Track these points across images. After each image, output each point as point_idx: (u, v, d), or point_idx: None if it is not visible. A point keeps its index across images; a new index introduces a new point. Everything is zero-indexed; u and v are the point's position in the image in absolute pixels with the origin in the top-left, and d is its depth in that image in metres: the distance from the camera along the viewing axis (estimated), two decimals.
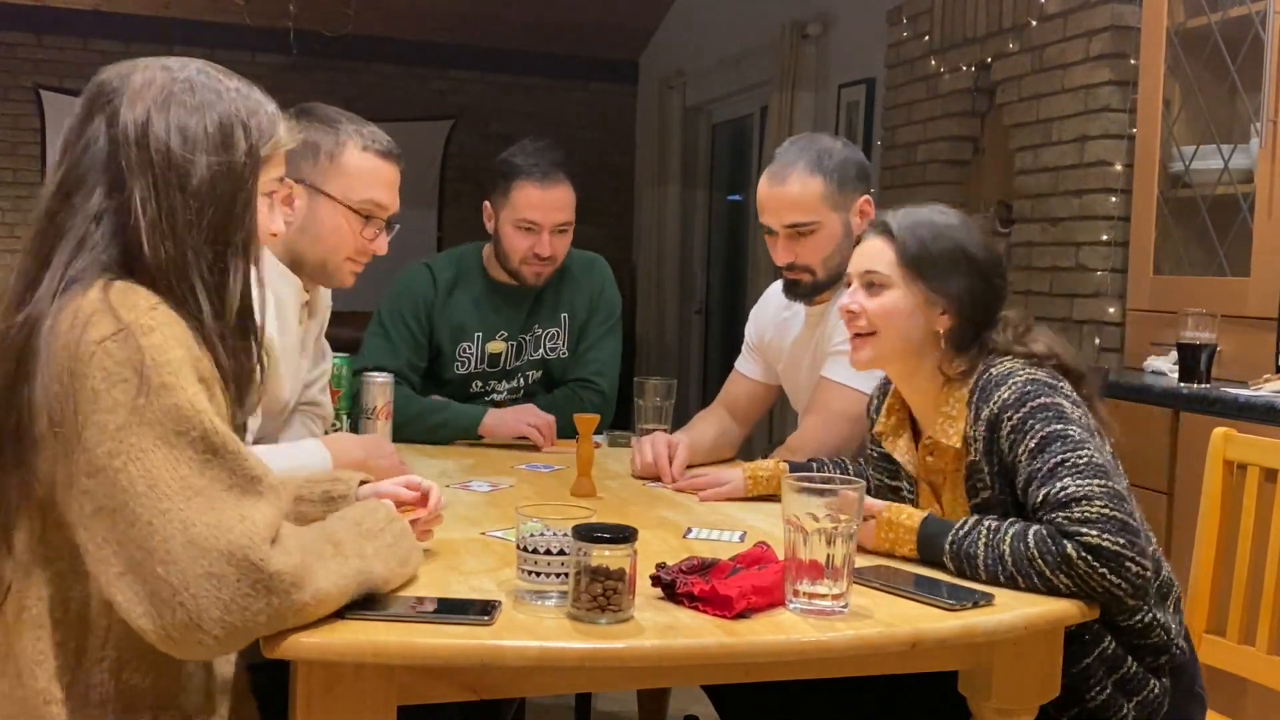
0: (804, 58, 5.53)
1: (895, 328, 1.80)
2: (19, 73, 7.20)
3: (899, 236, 1.80)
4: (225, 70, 1.45)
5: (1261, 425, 2.43)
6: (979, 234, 1.83)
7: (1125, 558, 1.53)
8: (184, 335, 1.31)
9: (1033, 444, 1.63)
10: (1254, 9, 3.01)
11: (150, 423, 1.24)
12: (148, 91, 1.37)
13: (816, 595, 1.44)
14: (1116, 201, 3.53)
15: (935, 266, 1.78)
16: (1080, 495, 1.57)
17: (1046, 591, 1.56)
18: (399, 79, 7.74)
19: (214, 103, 1.39)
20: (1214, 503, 2.10)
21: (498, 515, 1.90)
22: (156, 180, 1.34)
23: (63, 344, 1.27)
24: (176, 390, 1.26)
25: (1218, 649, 2.06)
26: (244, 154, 1.39)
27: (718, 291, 7.30)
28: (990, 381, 1.71)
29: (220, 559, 1.22)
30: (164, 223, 1.34)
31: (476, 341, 2.78)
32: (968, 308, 1.78)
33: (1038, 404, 1.65)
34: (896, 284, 1.80)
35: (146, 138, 1.35)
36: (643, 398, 2.69)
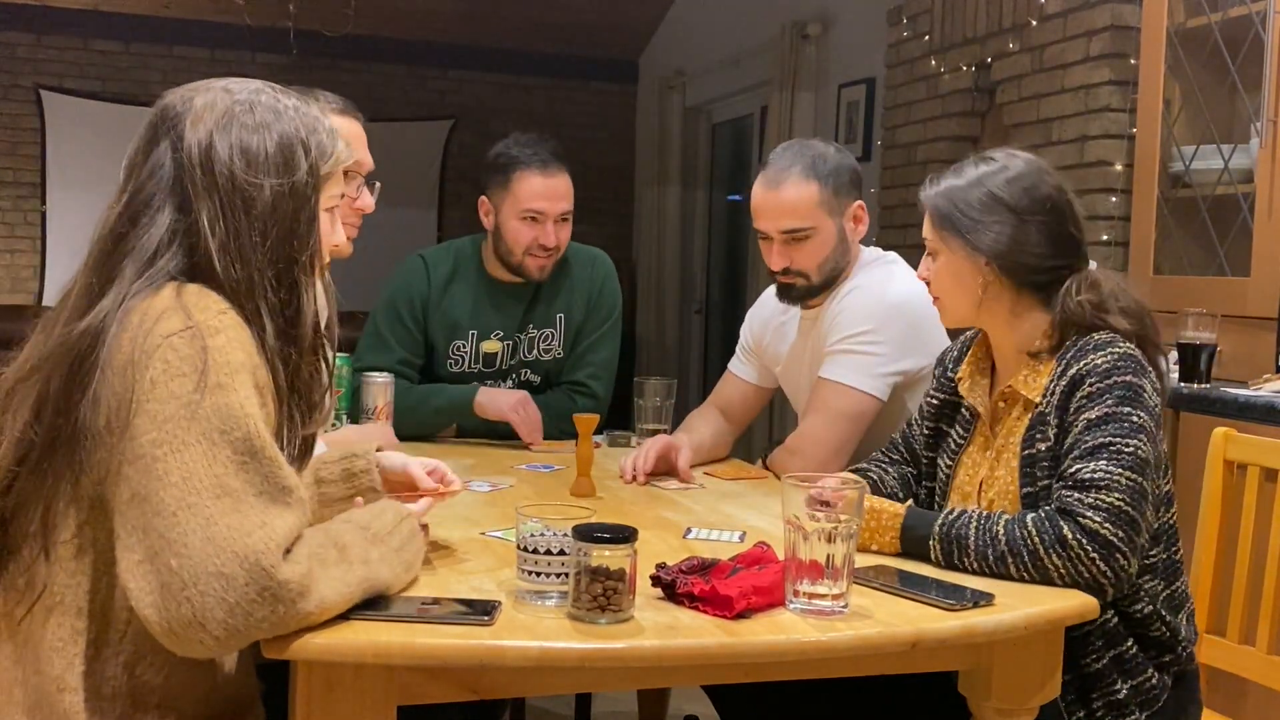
0: (804, 58, 5.53)
1: (952, 289, 1.82)
2: (19, 73, 7.20)
3: (927, 201, 1.82)
4: (283, 89, 1.47)
5: (1261, 425, 2.43)
6: (1029, 175, 1.79)
7: (1118, 550, 1.55)
8: (248, 342, 1.34)
9: (1094, 415, 1.64)
10: (1254, 9, 3.01)
11: (199, 418, 1.27)
12: (209, 114, 1.40)
13: (816, 595, 1.44)
14: (1116, 201, 3.54)
15: (963, 222, 1.77)
16: (1104, 482, 1.58)
17: (1036, 574, 1.57)
18: (399, 79, 7.74)
19: (273, 122, 1.41)
20: (1214, 503, 2.10)
21: (498, 515, 1.90)
22: (223, 202, 1.37)
23: (129, 338, 1.30)
24: (230, 390, 1.29)
25: (1218, 649, 2.06)
26: (305, 173, 1.42)
27: (718, 291, 7.30)
28: (1092, 343, 1.70)
29: (233, 560, 1.22)
30: (232, 244, 1.37)
31: (471, 340, 2.75)
32: (1004, 256, 1.76)
33: (1123, 380, 1.65)
34: (941, 247, 1.81)
35: (211, 161, 1.37)
36: (643, 398, 2.69)
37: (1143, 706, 1.70)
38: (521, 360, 2.80)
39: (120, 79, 7.25)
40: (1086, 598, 1.56)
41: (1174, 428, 2.77)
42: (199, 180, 1.37)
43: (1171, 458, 2.78)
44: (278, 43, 6.08)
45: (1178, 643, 1.72)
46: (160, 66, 7.26)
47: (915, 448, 2.00)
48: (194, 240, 1.37)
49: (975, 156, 1.84)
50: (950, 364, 1.96)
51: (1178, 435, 2.77)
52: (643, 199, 7.75)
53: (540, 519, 1.44)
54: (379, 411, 2.41)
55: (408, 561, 1.46)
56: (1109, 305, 1.74)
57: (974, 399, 1.86)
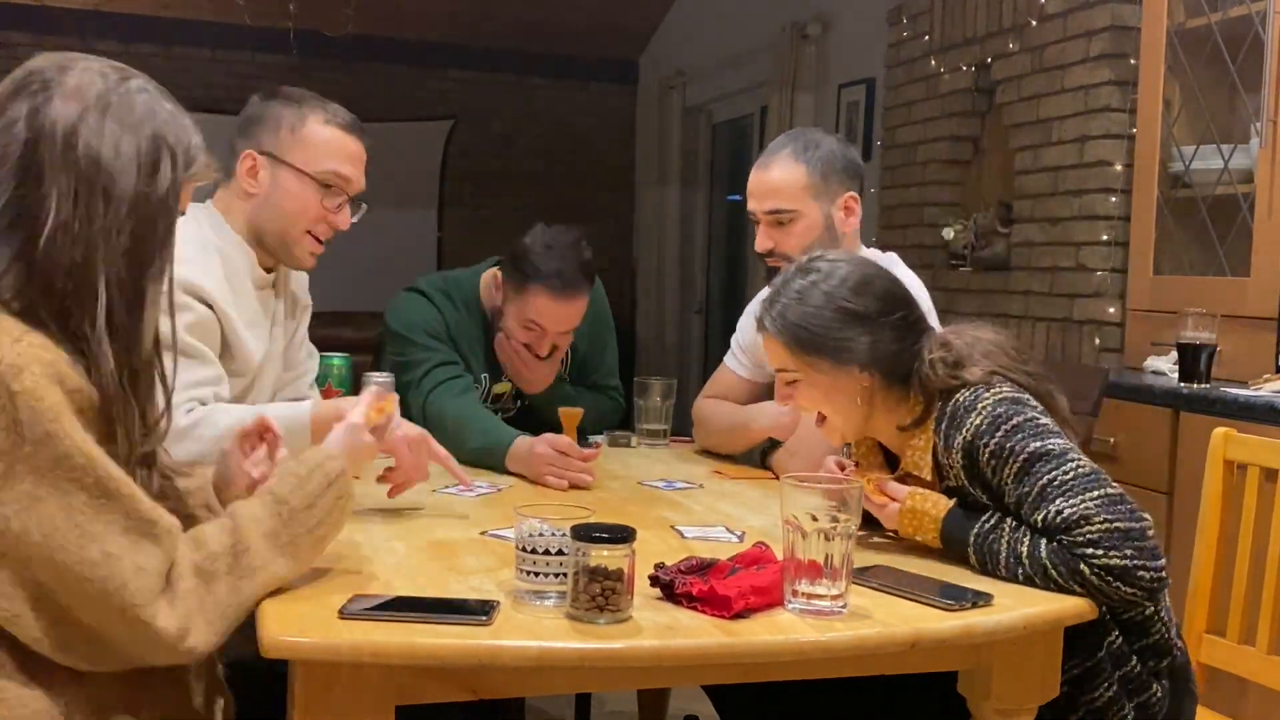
0: (804, 58, 5.53)
1: (833, 408, 1.79)
2: None
3: (776, 332, 1.78)
4: (164, 91, 1.42)
5: (1261, 425, 2.43)
6: (855, 277, 1.77)
7: (1134, 569, 1.52)
8: (56, 365, 1.26)
9: (1016, 467, 1.62)
10: (1254, 9, 3.01)
11: (38, 470, 1.23)
12: (86, 93, 1.34)
13: (816, 595, 1.44)
14: (1116, 201, 3.54)
15: (821, 342, 1.75)
16: (1076, 516, 1.55)
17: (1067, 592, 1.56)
18: (399, 79, 7.74)
19: (149, 120, 1.36)
20: (1214, 503, 2.09)
21: (498, 515, 1.90)
22: (78, 183, 1.31)
23: None
24: (62, 438, 1.23)
25: (1218, 649, 2.06)
26: (170, 182, 1.37)
27: (718, 291, 7.30)
28: (959, 407, 1.69)
29: (113, 615, 1.25)
30: (77, 226, 1.30)
31: (484, 383, 2.65)
32: (877, 358, 1.75)
33: (1011, 426, 1.64)
34: (804, 371, 1.78)
35: (75, 137, 1.31)
36: (643, 398, 2.69)
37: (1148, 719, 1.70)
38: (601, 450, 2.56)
39: None
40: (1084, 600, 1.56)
41: (1174, 428, 2.77)
42: (57, 155, 1.30)
43: (1171, 458, 2.78)
44: (278, 43, 6.08)
45: (1170, 644, 1.72)
46: (160, 66, 7.20)
47: None
48: (30, 215, 1.29)
49: (798, 271, 1.80)
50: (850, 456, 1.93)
51: (1178, 435, 2.77)
52: (643, 199, 7.75)
53: (540, 519, 1.44)
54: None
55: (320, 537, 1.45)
56: (964, 359, 1.73)
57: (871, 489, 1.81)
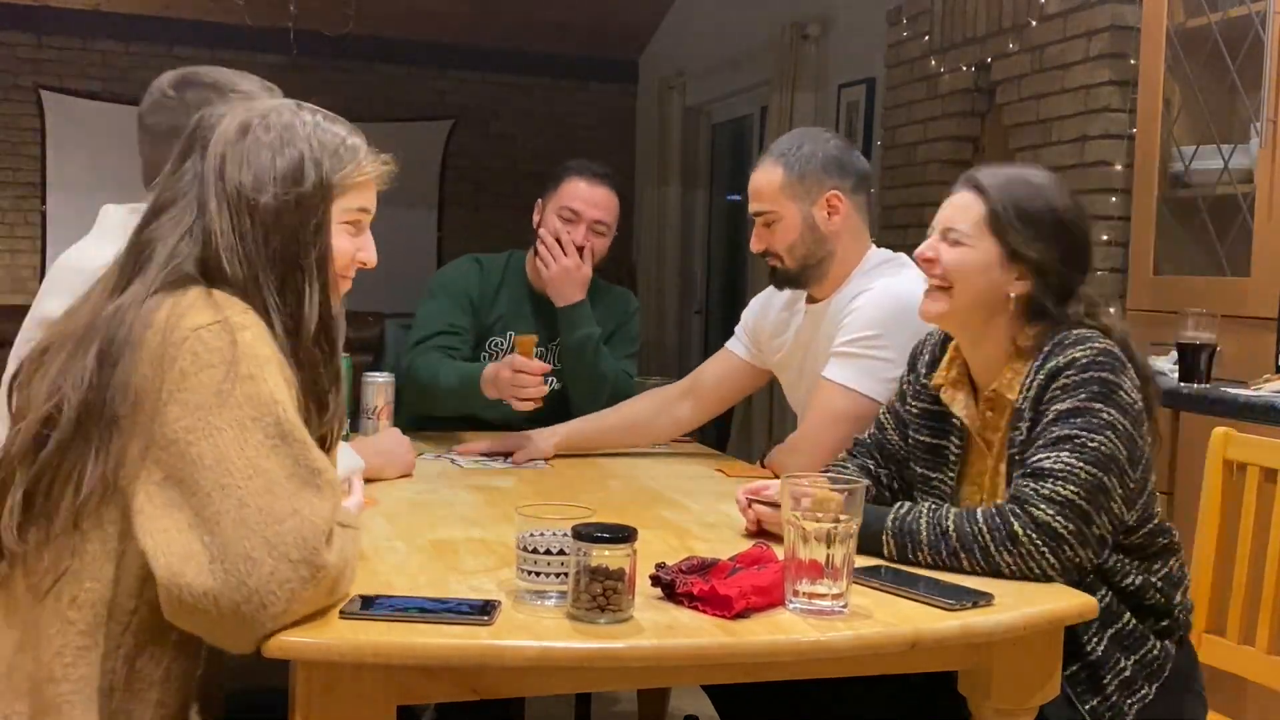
0: (804, 58, 5.53)
1: (970, 285, 1.76)
2: (19, 73, 7.19)
3: (991, 191, 1.77)
4: (311, 106, 1.54)
5: (1261, 425, 2.43)
6: (1071, 199, 1.80)
7: (1066, 542, 1.57)
8: (272, 341, 1.41)
9: (1064, 407, 1.64)
10: (1254, 9, 3.01)
11: (230, 405, 1.32)
12: (231, 128, 1.48)
13: (816, 595, 1.44)
14: (1116, 201, 3.53)
15: (1021, 228, 1.74)
16: (1062, 473, 1.58)
17: (987, 569, 1.59)
18: (399, 79, 7.74)
19: (287, 141, 1.48)
20: (1214, 503, 2.10)
21: (498, 515, 1.90)
22: (230, 209, 1.44)
23: (158, 329, 1.35)
24: (260, 380, 1.35)
25: (1218, 649, 2.06)
26: (312, 185, 1.48)
27: (718, 291, 7.30)
28: (1067, 340, 1.70)
29: (263, 546, 1.27)
30: (237, 246, 1.44)
31: (508, 339, 2.86)
32: (1049, 275, 1.74)
33: (1100, 376, 1.64)
34: (977, 242, 1.76)
35: (223, 172, 1.46)
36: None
37: (1150, 679, 1.69)
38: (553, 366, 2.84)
39: (120, 79, 7.24)
40: (1086, 598, 1.57)
41: (1174, 428, 2.77)
42: (213, 188, 1.46)
43: (1171, 458, 2.78)
44: (278, 43, 6.08)
45: (1174, 607, 1.72)
46: (160, 66, 7.14)
47: (891, 450, 1.98)
48: (205, 238, 1.45)
49: (1024, 166, 1.83)
50: (924, 370, 1.93)
51: (1178, 435, 2.77)
52: (643, 199, 7.74)
53: (540, 519, 1.44)
54: (379, 412, 2.41)
55: None
56: (1096, 307, 1.76)
57: (961, 411, 1.84)
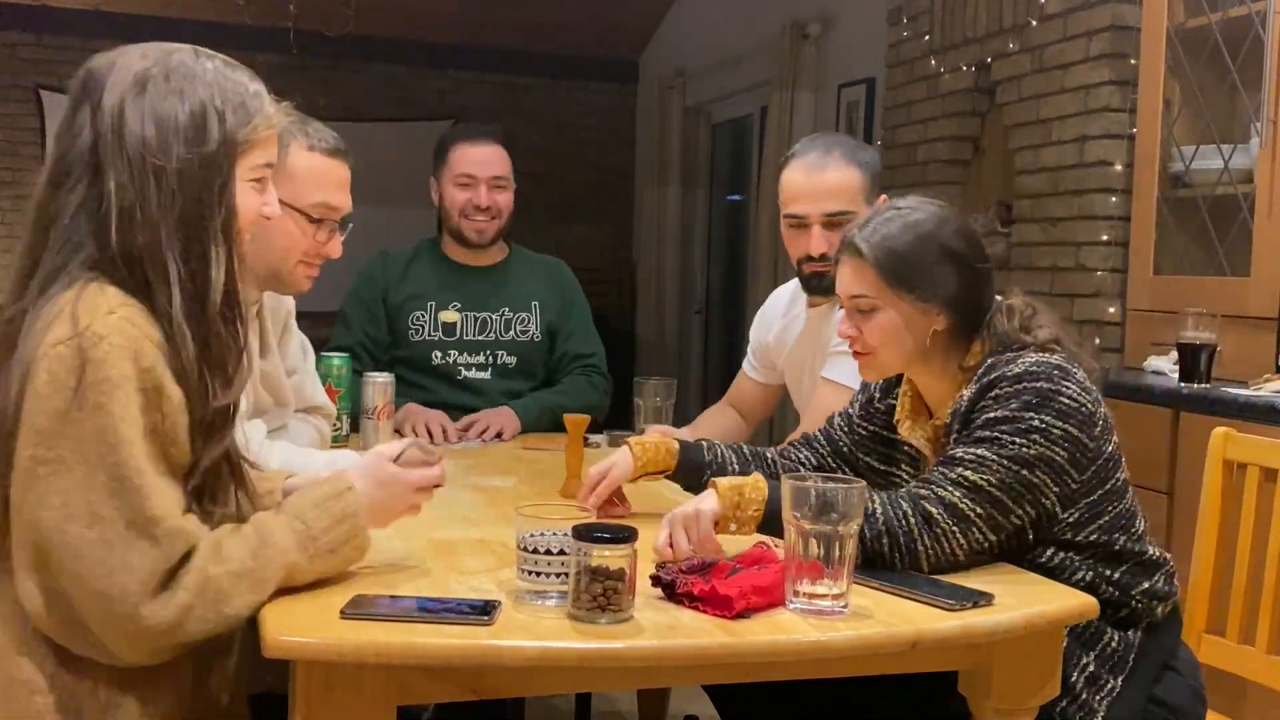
0: (804, 58, 5.53)
1: (892, 344, 1.78)
2: (19, 73, 7.19)
3: (869, 255, 1.76)
4: (209, 53, 1.43)
5: (1261, 425, 2.43)
6: (954, 220, 1.79)
7: (974, 525, 1.59)
8: (139, 341, 1.31)
9: (993, 415, 1.64)
10: (1254, 9, 3.01)
11: (78, 439, 1.28)
12: (126, 78, 1.37)
13: (816, 595, 1.44)
14: (1116, 201, 3.53)
15: (916, 274, 1.75)
16: (972, 461, 1.61)
17: (907, 558, 1.58)
18: (399, 79, 7.74)
19: (187, 88, 1.38)
20: (1214, 503, 2.09)
21: (498, 515, 1.90)
22: (132, 169, 1.34)
23: (31, 343, 1.31)
24: (107, 412, 1.28)
25: (1218, 649, 2.06)
26: (219, 142, 1.39)
27: (718, 291, 7.30)
28: (1003, 360, 1.71)
29: (92, 598, 1.28)
30: (138, 211, 1.34)
31: (429, 310, 2.88)
32: (960, 302, 1.76)
33: (1034, 386, 1.65)
34: (884, 303, 1.76)
35: (122, 128, 1.35)
36: (643, 398, 2.69)
37: (1114, 671, 1.69)
38: (497, 339, 2.91)
39: None
40: (1087, 598, 1.56)
41: (1174, 428, 2.77)
42: (111, 147, 1.35)
43: (1171, 458, 2.78)
44: (278, 43, 6.07)
45: (1131, 598, 1.71)
46: None
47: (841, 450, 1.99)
48: (98, 208, 1.35)
49: (890, 208, 1.80)
50: (877, 393, 1.95)
51: (1178, 435, 2.77)
52: (643, 199, 7.74)
53: (540, 519, 1.44)
54: (379, 412, 2.41)
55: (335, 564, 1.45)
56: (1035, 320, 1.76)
57: (917, 440, 1.85)
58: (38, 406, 1.28)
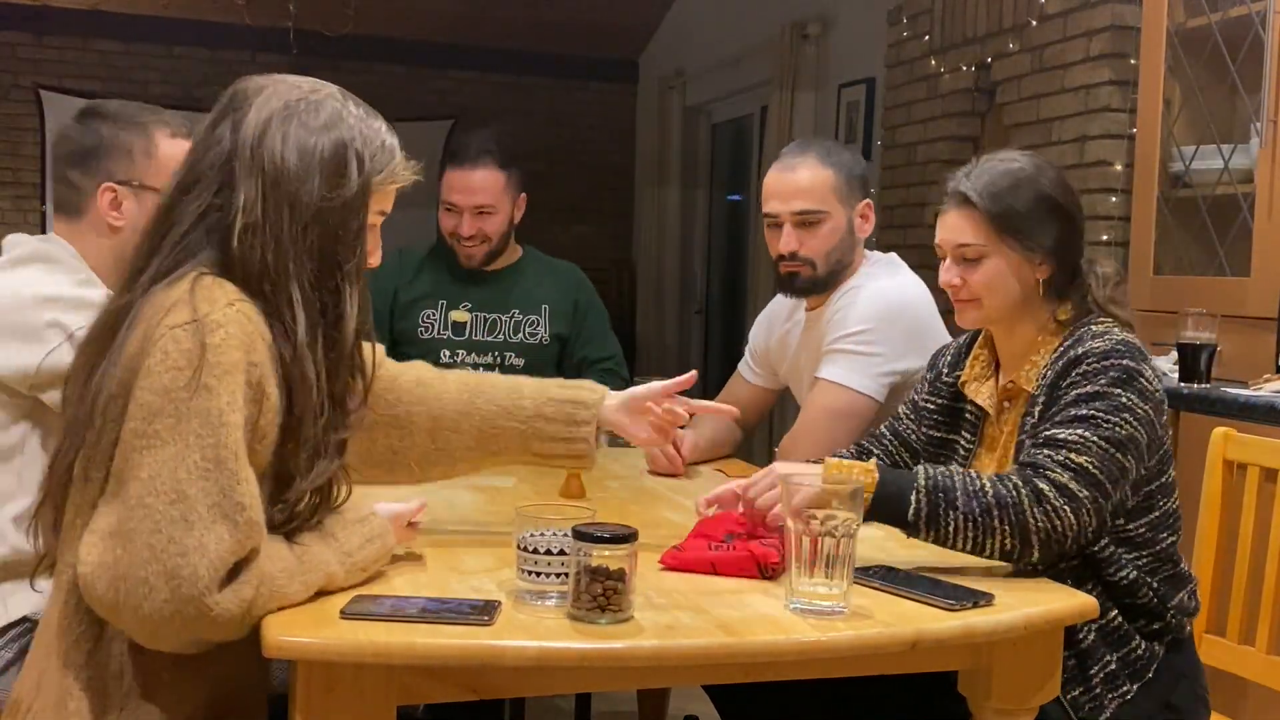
0: (804, 58, 5.53)
1: (999, 292, 1.80)
2: (19, 73, 7.19)
3: (980, 203, 1.79)
4: (355, 99, 1.49)
5: (1262, 425, 2.43)
6: (1052, 171, 1.84)
7: (1084, 508, 1.59)
8: (253, 336, 1.34)
9: (1084, 391, 1.66)
10: (1254, 9, 3.01)
11: (181, 415, 1.29)
12: (273, 102, 1.41)
13: (817, 595, 1.44)
14: (1116, 201, 3.53)
15: (1024, 222, 1.78)
16: (1075, 443, 1.61)
17: (1017, 531, 1.58)
18: (399, 79, 7.73)
19: (334, 126, 1.43)
20: (1214, 502, 2.10)
21: (497, 515, 1.90)
22: (265, 187, 1.38)
23: (142, 329, 1.33)
24: (215, 394, 1.30)
25: (1218, 649, 2.06)
26: (356, 184, 1.43)
27: (718, 291, 7.29)
28: (1088, 334, 1.74)
29: (162, 575, 1.26)
30: (267, 230, 1.38)
31: (440, 309, 2.89)
32: (1062, 252, 1.79)
33: (1120, 364, 1.67)
34: (991, 250, 1.79)
35: (262, 146, 1.39)
36: None
37: (1133, 678, 1.70)
38: (506, 341, 2.90)
39: (120, 79, 7.24)
40: (1086, 598, 1.57)
41: (1174, 428, 2.77)
42: (247, 160, 1.39)
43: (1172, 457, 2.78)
44: (278, 43, 6.07)
45: (1167, 610, 1.72)
46: (160, 66, 7.25)
47: (907, 439, 2.01)
48: (225, 218, 1.38)
49: (991, 158, 1.83)
50: (945, 368, 1.97)
51: (1178, 435, 2.76)
52: (643, 199, 7.74)
53: (540, 518, 1.44)
54: None
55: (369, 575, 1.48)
56: (1119, 293, 1.80)
57: (980, 398, 1.87)
58: (146, 383, 1.30)
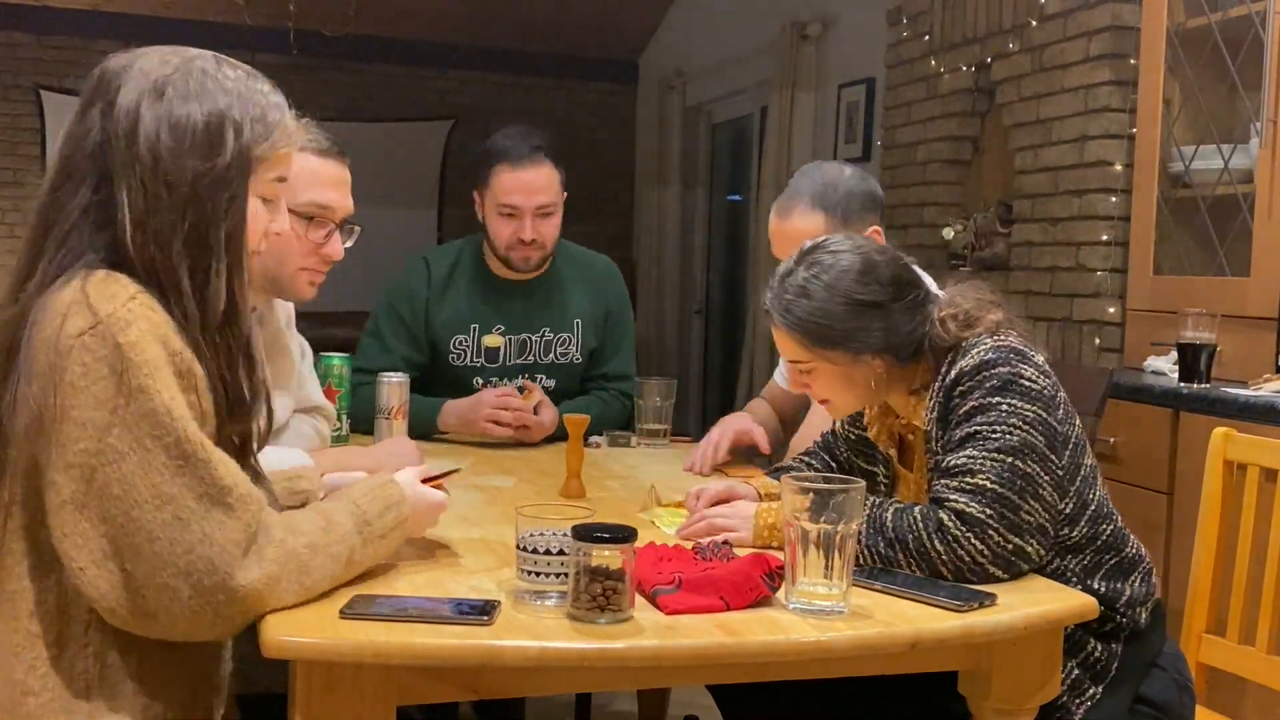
0: (804, 58, 5.53)
1: (842, 393, 1.81)
2: (19, 73, 7.20)
3: (785, 326, 1.76)
4: (231, 62, 1.40)
5: (1261, 425, 2.43)
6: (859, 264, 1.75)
7: (990, 527, 1.57)
8: (162, 327, 1.30)
9: (964, 410, 1.66)
10: (1254, 9, 3.01)
11: (128, 425, 1.26)
12: (143, 82, 1.33)
13: (816, 596, 1.44)
14: (1116, 201, 3.53)
15: (834, 334, 1.74)
16: (968, 468, 1.61)
17: (922, 565, 1.58)
18: (399, 79, 7.74)
19: (205, 97, 1.34)
20: (1214, 503, 2.09)
21: (498, 514, 1.90)
22: (144, 178, 1.31)
23: (44, 337, 1.28)
24: (153, 393, 1.26)
25: (1218, 649, 2.06)
26: (233, 155, 1.35)
27: (718, 291, 7.30)
28: (960, 353, 1.72)
29: (177, 575, 1.25)
30: (150, 223, 1.32)
31: (472, 334, 2.75)
32: (890, 344, 1.74)
33: (994, 372, 1.66)
34: (817, 362, 1.77)
35: (135, 133, 1.32)
36: (643, 398, 2.69)
37: (1095, 679, 1.69)
38: (536, 362, 2.79)
39: None
40: (1086, 598, 1.56)
41: (1174, 428, 2.77)
42: (121, 152, 1.32)
43: (1171, 458, 2.78)
44: (278, 43, 6.07)
45: (1115, 610, 1.70)
46: None
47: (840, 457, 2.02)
48: (109, 216, 1.32)
49: (799, 262, 1.78)
50: None
51: (1178, 435, 2.77)
52: (643, 199, 7.74)
53: (540, 519, 1.44)
54: (396, 411, 2.41)
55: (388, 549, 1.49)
56: (975, 316, 1.74)
57: (882, 443, 1.88)
58: (77, 401, 1.25)
